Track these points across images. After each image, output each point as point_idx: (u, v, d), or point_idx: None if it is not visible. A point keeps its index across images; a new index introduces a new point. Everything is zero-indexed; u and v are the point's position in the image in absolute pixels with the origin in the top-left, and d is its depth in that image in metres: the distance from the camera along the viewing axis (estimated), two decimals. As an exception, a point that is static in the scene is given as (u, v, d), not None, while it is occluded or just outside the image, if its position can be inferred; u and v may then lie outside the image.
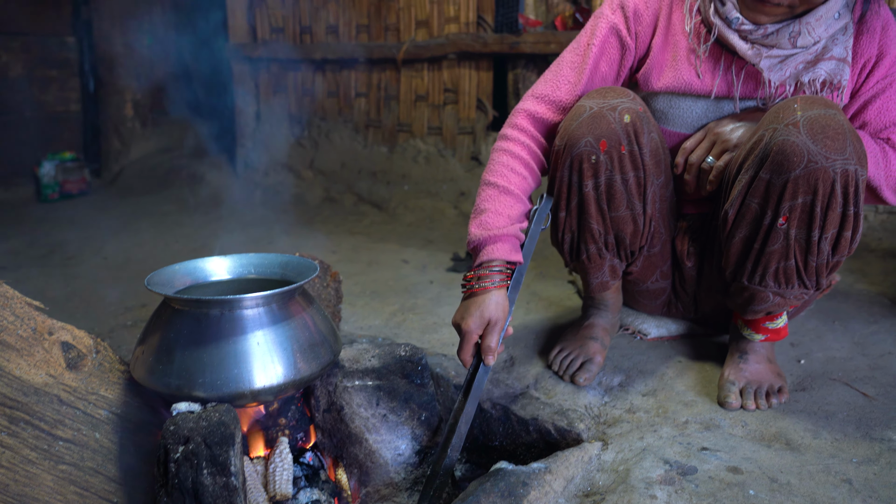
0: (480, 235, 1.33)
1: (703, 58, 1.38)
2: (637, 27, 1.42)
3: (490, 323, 1.28)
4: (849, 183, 1.16)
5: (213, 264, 1.30)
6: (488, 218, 1.34)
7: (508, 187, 1.37)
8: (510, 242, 1.33)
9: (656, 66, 1.42)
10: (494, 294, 1.29)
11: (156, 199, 3.94)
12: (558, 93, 1.44)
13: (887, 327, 1.80)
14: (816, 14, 1.28)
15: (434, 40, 3.33)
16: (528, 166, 1.41)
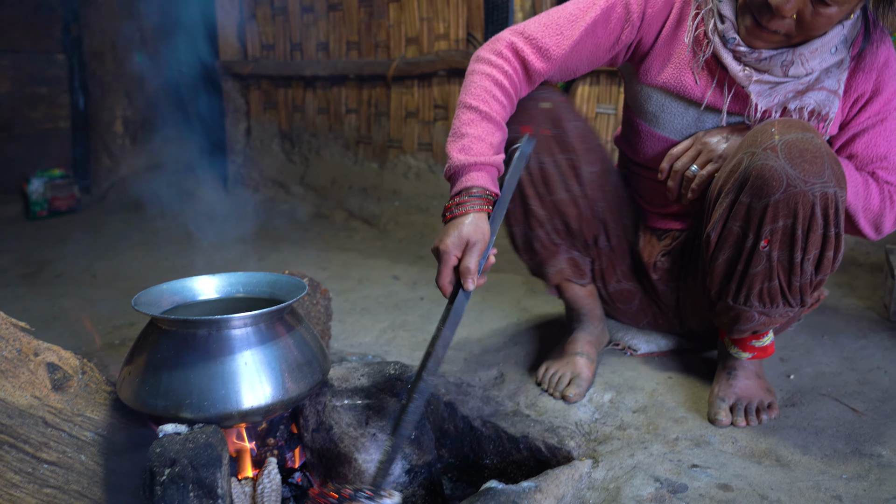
0: (462, 161, 1.28)
1: (700, 67, 1.38)
2: (648, 8, 1.38)
3: (469, 243, 1.21)
4: (829, 205, 1.17)
5: (201, 283, 1.29)
6: (470, 143, 1.29)
7: (490, 113, 1.32)
8: (491, 173, 1.29)
9: (658, 59, 1.42)
10: (474, 216, 1.23)
11: (146, 216, 3.92)
12: (547, 41, 1.38)
13: (875, 342, 1.81)
14: (811, 46, 1.28)
15: (424, 57, 3.34)
16: (508, 95, 1.36)
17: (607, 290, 1.70)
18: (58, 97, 4.61)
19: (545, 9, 3.06)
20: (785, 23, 1.21)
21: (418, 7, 3.37)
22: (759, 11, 1.23)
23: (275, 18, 3.88)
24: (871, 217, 1.36)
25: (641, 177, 1.60)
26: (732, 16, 1.30)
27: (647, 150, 1.51)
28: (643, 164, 1.56)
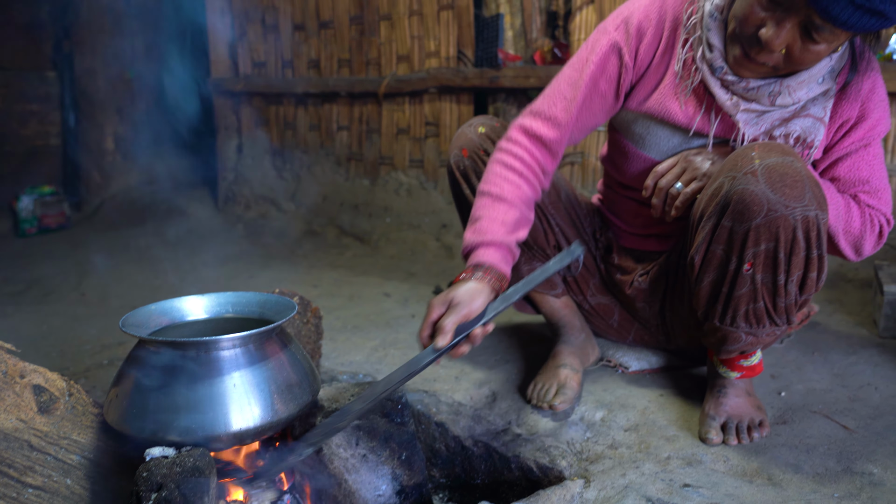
0: (475, 240, 1.32)
1: (688, 94, 1.39)
2: (639, 45, 1.40)
3: (452, 303, 1.20)
4: (810, 228, 1.18)
5: (189, 304, 1.28)
6: (482, 225, 1.33)
7: (501, 195, 1.36)
8: (501, 252, 1.31)
9: (646, 86, 1.43)
10: (472, 284, 1.23)
11: (136, 233, 3.91)
12: (554, 109, 1.43)
13: (866, 358, 1.81)
14: (799, 78, 1.29)
15: (415, 74, 3.36)
16: (522, 175, 1.40)
17: (588, 302, 1.74)
18: (48, 114, 4.61)
19: (534, 28, 3.09)
20: (774, 56, 1.22)
21: (409, 25, 3.39)
22: (749, 44, 1.23)
23: (266, 36, 3.89)
24: (851, 239, 1.37)
25: (625, 197, 1.61)
26: (721, 45, 1.31)
27: (632, 170, 1.52)
28: (627, 184, 1.57)
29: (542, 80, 2.95)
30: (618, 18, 1.42)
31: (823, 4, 1.09)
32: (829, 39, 1.16)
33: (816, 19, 1.13)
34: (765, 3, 1.17)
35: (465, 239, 1.34)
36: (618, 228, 1.66)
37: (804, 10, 1.13)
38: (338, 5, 3.60)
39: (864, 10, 1.08)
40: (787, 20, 1.16)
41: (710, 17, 1.31)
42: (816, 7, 1.10)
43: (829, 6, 1.09)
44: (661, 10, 1.38)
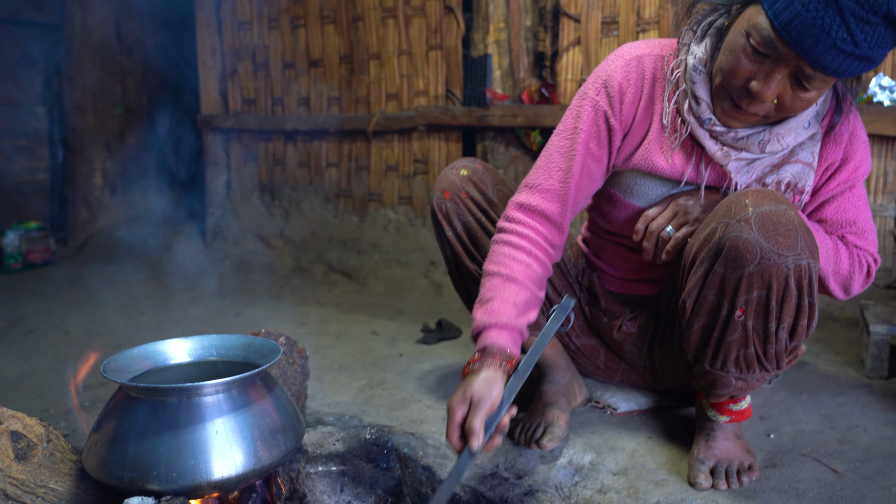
0: (484, 321, 1.31)
1: (676, 147, 1.40)
2: (622, 106, 1.40)
3: (473, 400, 1.20)
4: (802, 277, 1.19)
5: (172, 347, 1.27)
6: (494, 305, 1.32)
7: (512, 275, 1.35)
8: (512, 336, 1.30)
9: (630, 142, 1.44)
10: (485, 373, 1.23)
11: (122, 269, 3.88)
12: (550, 181, 1.42)
13: (854, 398, 1.81)
14: (787, 125, 1.31)
15: (404, 112, 3.39)
16: (530, 253, 1.38)
17: (574, 343, 1.73)
18: (37, 150, 4.60)
19: (522, 68, 3.13)
20: (765, 106, 1.23)
21: (398, 64, 3.43)
22: (739, 96, 1.24)
23: (256, 74, 3.92)
24: (840, 280, 1.38)
25: (613, 243, 1.61)
26: (707, 97, 1.32)
27: (620, 218, 1.53)
28: (615, 231, 1.57)
29: (530, 119, 2.98)
30: (597, 82, 1.42)
31: (815, 55, 1.11)
32: (819, 87, 1.18)
33: (807, 69, 1.14)
34: (752, 55, 1.18)
35: (476, 319, 1.32)
36: (604, 273, 1.67)
37: (794, 60, 1.14)
38: (328, 44, 3.64)
39: (854, 57, 1.10)
40: (776, 71, 1.17)
41: (694, 70, 1.32)
42: (807, 58, 1.11)
43: (820, 57, 1.11)
44: (640, 68, 1.39)
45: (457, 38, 3.23)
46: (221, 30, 3.96)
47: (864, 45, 1.08)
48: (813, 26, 1.08)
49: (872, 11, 1.05)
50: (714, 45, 1.31)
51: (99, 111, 4.53)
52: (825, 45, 1.09)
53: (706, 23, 1.32)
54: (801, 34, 1.09)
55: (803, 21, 1.08)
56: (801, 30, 1.09)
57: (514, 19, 3.10)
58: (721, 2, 1.29)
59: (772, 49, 1.15)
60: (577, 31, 2.95)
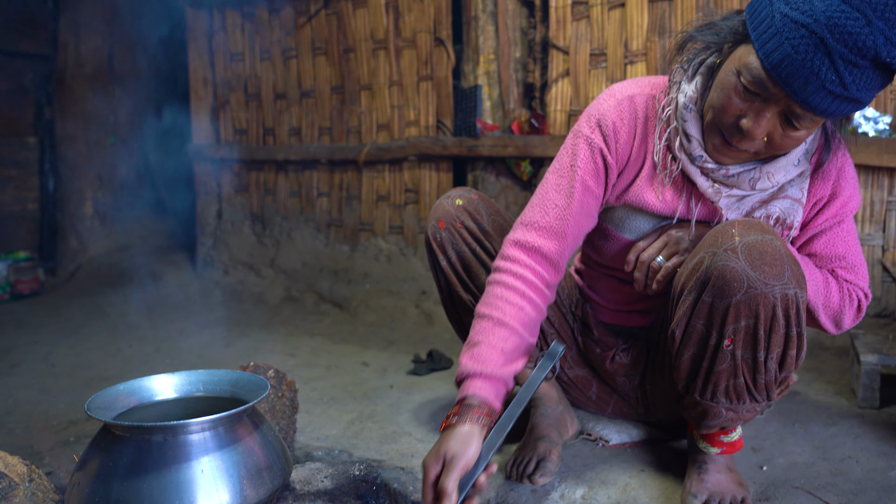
0: (469, 369, 1.27)
1: (667, 183, 1.41)
2: (617, 144, 1.41)
3: (447, 458, 1.17)
4: (789, 306, 1.19)
5: (158, 383, 1.25)
6: (480, 351, 1.28)
7: (503, 319, 1.32)
8: (496, 387, 1.27)
9: (624, 180, 1.45)
10: (461, 429, 1.19)
11: (112, 300, 3.85)
12: (547, 218, 1.40)
13: (846, 429, 1.80)
14: (777, 163, 1.32)
15: (395, 143, 3.41)
16: (525, 296, 1.35)
17: (566, 374, 1.72)
18: (27, 179, 4.59)
19: (512, 99, 3.16)
20: (755, 143, 1.25)
21: (389, 95, 3.45)
22: (730, 133, 1.26)
23: (248, 104, 3.94)
24: (831, 314, 1.38)
25: (605, 275, 1.62)
26: (698, 135, 1.33)
27: (612, 250, 1.53)
28: (607, 264, 1.58)
29: (520, 150, 3.00)
30: (591, 120, 1.42)
31: (804, 96, 1.12)
32: (808, 126, 1.19)
33: (797, 108, 1.16)
34: (743, 94, 1.20)
35: (461, 364, 1.29)
36: (597, 304, 1.67)
37: (784, 100, 1.16)
38: (319, 75, 3.67)
39: (843, 99, 1.12)
40: (766, 110, 1.19)
41: (685, 108, 1.33)
42: (797, 98, 1.13)
43: (809, 97, 1.12)
44: (632, 107, 1.41)
45: (447, 70, 3.26)
46: (213, 61, 3.99)
47: (853, 88, 1.10)
48: (802, 68, 1.09)
49: (861, 55, 1.06)
50: (705, 83, 1.32)
51: (90, 141, 4.54)
52: (814, 87, 1.10)
53: (697, 61, 1.34)
54: (791, 75, 1.11)
55: (793, 62, 1.10)
56: (790, 71, 1.11)
57: (504, 51, 3.13)
58: (712, 40, 1.30)
59: (762, 88, 1.16)
60: (565, 63, 2.98)
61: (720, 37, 1.29)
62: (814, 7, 1.07)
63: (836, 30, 1.05)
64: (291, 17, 3.68)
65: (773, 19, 1.12)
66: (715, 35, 1.30)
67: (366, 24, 3.46)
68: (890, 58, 1.06)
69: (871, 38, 1.04)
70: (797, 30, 1.08)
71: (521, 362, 1.33)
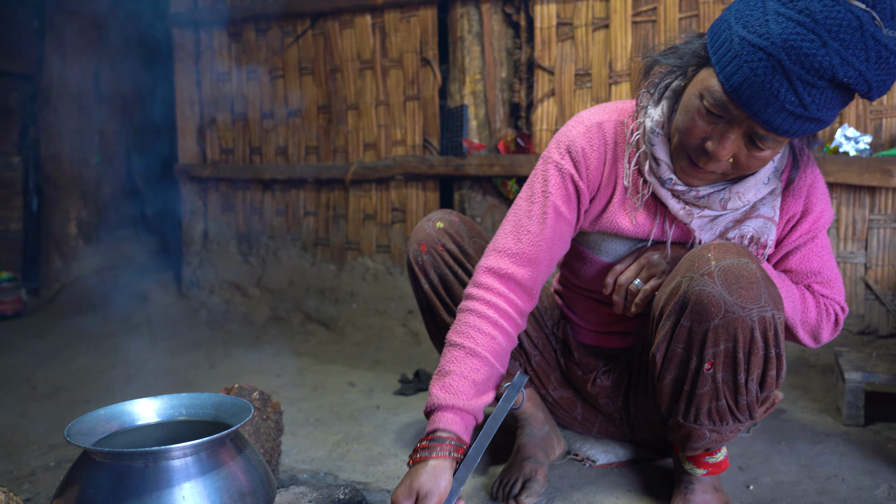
0: (439, 400, 1.27)
1: (639, 207, 1.42)
2: (587, 170, 1.42)
3: (420, 494, 1.18)
4: (767, 328, 1.20)
5: (140, 407, 1.24)
6: (451, 381, 1.29)
7: (475, 349, 1.32)
8: (465, 421, 1.27)
9: (597, 206, 1.46)
10: (432, 463, 1.20)
11: (96, 320, 3.81)
12: (520, 245, 1.40)
13: (831, 447, 1.81)
14: (747, 183, 1.34)
15: (382, 162, 3.41)
16: (497, 324, 1.35)
17: (551, 395, 1.72)
18: (10, 199, 4.55)
19: (498, 118, 3.18)
20: (721, 165, 1.26)
21: (376, 115, 3.46)
22: (696, 155, 1.27)
23: (235, 123, 3.94)
24: (809, 328, 1.39)
25: (584, 296, 1.62)
26: (667, 158, 1.35)
27: (589, 273, 1.54)
28: (585, 286, 1.59)
29: (506, 169, 3.01)
30: (560, 147, 1.43)
31: (765, 117, 1.14)
32: (772, 146, 1.21)
33: (759, 129, 1.17)
34: (706, 116, 1.21)
35: (431, 395, 1.29)
36: (577, 325, 1.67)
37: (746, 121, 1.17)
38: (306, 94, 3.67)
39: (804, 119, 1.13)
40: (730, 131, 1.20)
41: (652, 133, 1.35)
42: (758, 119, 1.14)
43: (770, 118, 1.13)
44: (601, 134, 1.42)
45: (433, 90, 3.28)
46: (200, 80, 3.99)
47: (813, 108, 1.11)
48: (762, 90, 1.11)
49: (818, 76, 1.08)
50: (671, 107, 1.34)
51: (75, 160, 4.51)
52: (775, 108, 1.12)
53: (663, 85, 1.36)
54: (751, 97, 1.12)
55: (752, 85, 1.11)
56: (750, 93, 1.12)
57: (490, 71, 3.16)
58: (676, 64, 1.32)
59: (724, 111, 1.18)
60: (551, 83, 3.01)
61: (684, 60, 1.30)
62: (770, 30, 1.09)
63: (793, 52, 1.07)
64: (278, 37, 3.69)
65: (731, 43, 1.14)
66: (679, 59, 1.31)
67: (352, 44, 3.48)
68: (847, 77, 1.08)
69: (828, 58, 1.06)
70: (755, 53, 1.10)
71: (491, 394, 1.33)
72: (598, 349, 1.65)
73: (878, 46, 1.06)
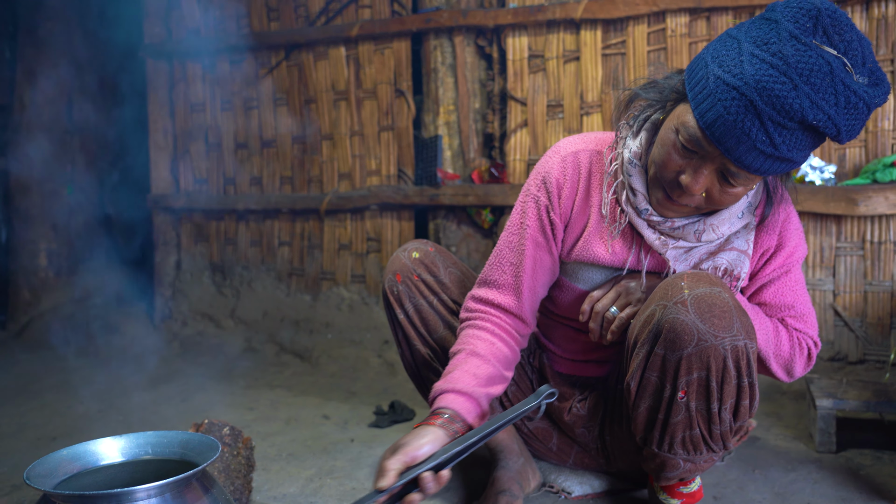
0: (441, 387, 1.31)
1: (616, 236, 1.44)
2: (560, 200, 1.46)
3: (397, 446, 1.20)
4: (740, 357, 1.21)
5: (104, 447, 1.21)
6: (454, 374, 1.33)
7: (476, 350, 1.37)
8: (468, 402, 1.29)
9: (571, 235, 1.48)
10: (422, 428, 1.23)
11: (64, 353, 3.73)
12: (504, 276, 1.46)
13: (805, 475, 1.82)
14: (720, 216, 1.36)
15: (356, 192, 3.42)
16: (495, 334, 1.42)
17: (526, 426, 1.71)
18: (-22, 230, 4.48)
19: (472, 148, 3.20)
20: (695, 199, 1.28)
21: (351, 145, 3.47)
22: (670, 188, 1.29)
23: (209, 154, 3.93)
24: (782, 362, 1.41)
25: (561, 324, 1.63)
26: (643, 189, 1.37)
27: (567, 301, 1.55)
28: (562, 314, 1.59)
29: (481, 198, 3.03)
30: (537, 178, 1.48)
31: (737, 155, 1.16)
32: (744, 183, 1.23)
33: (731, 167, 1.20)
34: (681, 150, 1.24)
35: (435, 387, 1.33)
36: (553, 354, 1.67)
37: (719, 158, 1.20)
38: (280, 125, 3.68)
39: (775, 158, 1.16)
40: (703, 167, 1.23)
41: (630, 163, 1.37)
42: (731, 157, 1.17)
43: (742, 156, 1.16)
44: (576, 163, 1.45)
45: (408, 120, 3.30)
46: (174, 111, 3.98)
47: (783, 148, 1.14)
48: (734, 128, 1.13)
49: (788, 118, 1.11)
50: (649, 139, 1.36)
51: (46, 191, 4.45)
52: (746, 147, 1.14)
53: (642, 117, 1.38)
54: (724, 135, 1.15)
55: (725, 123, 1.14)
56: (723, 131, 1.15)
57: (464, 102, 3.19)
58: (655, 98, 1.35)
59: (698, 146, 1.20)
60: (524, 114, 3.05)
61: (663, 95, 1.33)
62: (744, 70, 1.12)
63: (765, 93, 1.10)
64: (253, 68, 3.70)
65: (707, 81, 1.17)
66: (658, 93, 1.35)
67: (327, 75, 3.50)
68: (816, 121, 1.11)
69: (798, 101, 1.09)
70: (729, 92, 1.13)
71: (499, 388, 1.36)
72: (574, 378, 1.65)
73: (848, 92, 1.10)
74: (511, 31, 3.03)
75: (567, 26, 2.94)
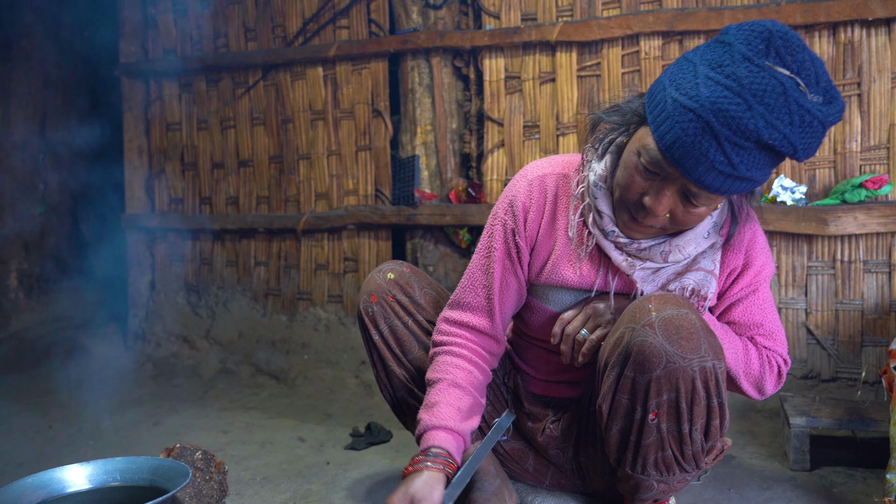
0: (430, 423, 1.35)
1: (583, 258, 1.45)
2: (526, 224, 1.48)
3: (415, 500, 1.23)
4: (708, 378, 1.22)
5: (71, 473, 1.18)
6: (440, 409, 1.36)
7: (456, 381, 1.40)
8: (457, 441, 1.35)
9: (538, 258, 1.49)
10: (426, 473, 1.27)
11: (34, 377, 3.66)
12: (477, 298, 1.50)
13: (779, 494, 1.83)
14: (686, 237, 1.38)
15: (334, 212, 3.41)
16: (471, 361, 1.45)
17: (503, 447, 1.71)
18: (-53, 251, 4.39)
19: (449, 168, 3.22)
20: (659, 220, 1.30)
21: (328, 164, 3.47)
22: (635, 209, 1.31)
23: (185, 173, 3.90)
24: (752, 380, 1.42)
25: (533, 345, 1.63)
26: (609, 211, 1.39)
27: (538, 322, 1.56)
28: (534, 335, 1.60)
29: (458, 218, 3.04)
30: (505, 202, 1.51)
31: (697, 175, 1.18)
32: (707, 203, 1.25)
33: (692, 187, 1.21)
34: (643, 173, 1.26)
35: (422, 421, 1.36)
36: (527, 375, 1.67)
37: (680, 179, 1.21)
38: (257, 144, 3.67)
39: (734, 178, 1.17)
40: (665, 188, 1.24)
41: (595, 186, 1.39)
42: (690, 178, 1.19)
43: (701, 177, 1.18)
44: (542, 187, 1.46)
45: (385, 140, 3.31)
46: (149, 130, 3.95)
47: (742, 167, 1.16)
48: (693, 149, 1.15)
49: (744, 137, 1.13)
50: (614, 162, 1.38)
51: (17, 211, 4.39)
52: (705, 167, 1.16)
53: (607, 140, 1.40)
54: (683, 156, 1.17)
55: (683, 144, 1.16)
56: (682, 152, 1.17)
57: (441, 122, 3.20)
58: (619, 121, 1.37)
59: (660, 168, 1.22)
60: (500, 134, 3.07)
61: (625, 118, 1.35)
62: (700, 93, 1.14)
63: (720, 114, 1.12)
64: (229, 87, 3.69)
65: (665, 104, 1.19)
66: (621, 116, 1.37)
67: (304, 95, 3.50)
68: (772, 140, 1.13)
69: (753, 121, 1.11)
70: (686, 114, 1.15)
71: (477, 420, 1.41)
72: (547, 399, 1.65)
73: (802, 111, 1.12)
74: (488, 52, 3.06)
75: (543, 48, 2.98)
